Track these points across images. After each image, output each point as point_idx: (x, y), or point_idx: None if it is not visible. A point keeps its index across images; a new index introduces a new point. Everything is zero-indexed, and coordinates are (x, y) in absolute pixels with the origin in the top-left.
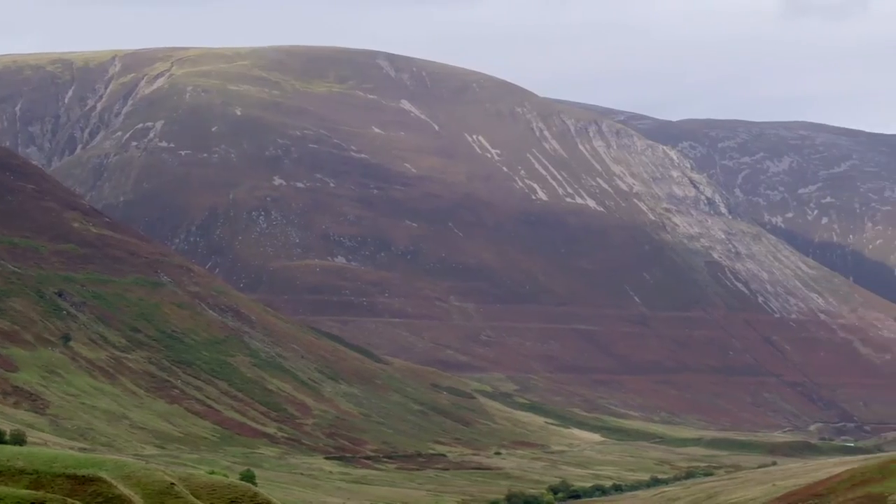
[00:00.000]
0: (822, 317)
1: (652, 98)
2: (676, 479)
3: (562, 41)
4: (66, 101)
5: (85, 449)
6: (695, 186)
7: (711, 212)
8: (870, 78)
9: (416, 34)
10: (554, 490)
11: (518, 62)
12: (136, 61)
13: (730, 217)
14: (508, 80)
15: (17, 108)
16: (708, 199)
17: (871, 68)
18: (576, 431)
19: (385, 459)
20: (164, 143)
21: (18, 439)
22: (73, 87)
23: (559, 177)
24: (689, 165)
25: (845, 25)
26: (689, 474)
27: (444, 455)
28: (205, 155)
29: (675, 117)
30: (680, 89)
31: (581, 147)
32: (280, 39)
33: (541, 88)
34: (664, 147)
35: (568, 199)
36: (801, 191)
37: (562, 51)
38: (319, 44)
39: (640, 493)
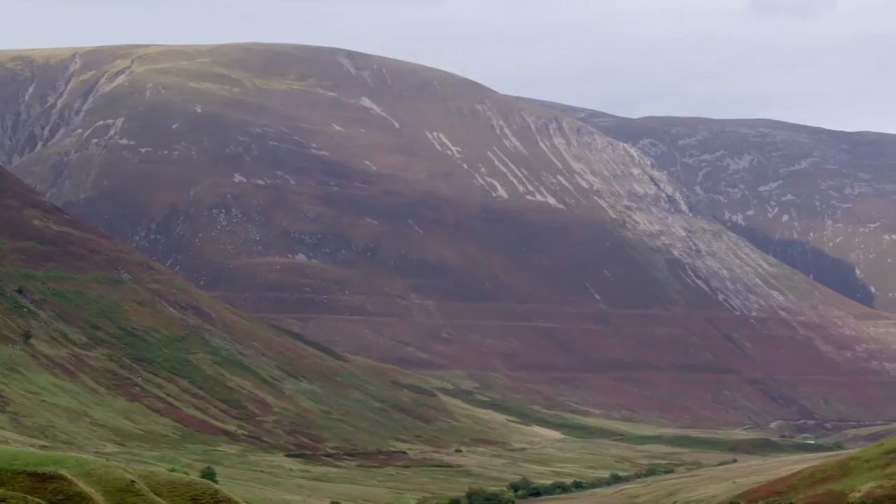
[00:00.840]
0: (783, 314)
1: (613, 96)
2: (637, 476)
3: (524, 39)
4: (27, 98)
5: (45, 446)
6: (655, 184)
7: (672, 209)
8: (833, 76)
9: (378, 32)
10: (514, 487)
11: (479, 60)
12: (97, 59)
13: (690, 214)
14: (469, 77)
15: None
16: (668, 196)
17: (835, 66)
18: (536, 429)
19: (346, 457)
20: (124, 141)
21: None
22: (33, 85)
23: (519, 174)
24: (649, 163)
25: (812, 24)
26: (650, 471)
27: (404, 452)
28: (165, 152)
29: (635, 115)
30: (641, 87)
31: (541, 144)
32: (240, 37)
33: (501, 86)
34: (624, 144)
35: (528, 197)
36: (761, 188)
37: (523, 49)
38: (280, 41)
39: (600, 490)
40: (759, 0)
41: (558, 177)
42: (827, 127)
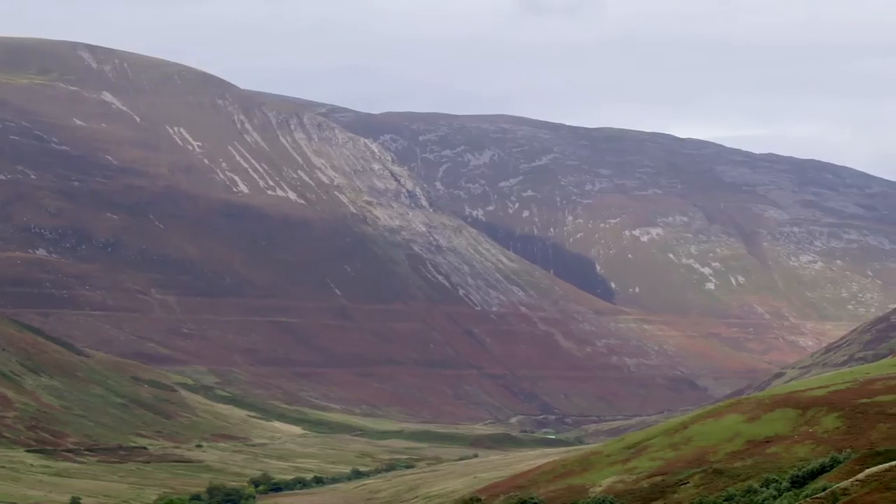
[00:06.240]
0: (524, 310)
1: (357, 93)
2: (378, 471)
3: (267, 35)
4: None
5: None
6: (396, 179)
7: (412, 205)
8: (588, 75)
9: (120, 26)
10: (255, 483)
11: (221, 55)
12: None
13: (431, 210)
14: (211, 72)
15: None
16: (409, 191)
17: (593, 65)
18: (277, 424)
19: (86, 452)
20: None
21: None
22: None
23: (260, 169)
24: (390, 158)
25: (579, 24)
26: (391, 467)
27: (145, 448)
28: None
29: (377, 111)
30: (387, 85)
31: (282, 139)
32: None
33: (243, 81)
34: (365, 140)
35: (269, 192)
36: (501, 184)
37: (266, 44)
38: (21, 35)
39: (341, 485)
40: (527, 1)
41: (299, 172)
42: (568, 123)
